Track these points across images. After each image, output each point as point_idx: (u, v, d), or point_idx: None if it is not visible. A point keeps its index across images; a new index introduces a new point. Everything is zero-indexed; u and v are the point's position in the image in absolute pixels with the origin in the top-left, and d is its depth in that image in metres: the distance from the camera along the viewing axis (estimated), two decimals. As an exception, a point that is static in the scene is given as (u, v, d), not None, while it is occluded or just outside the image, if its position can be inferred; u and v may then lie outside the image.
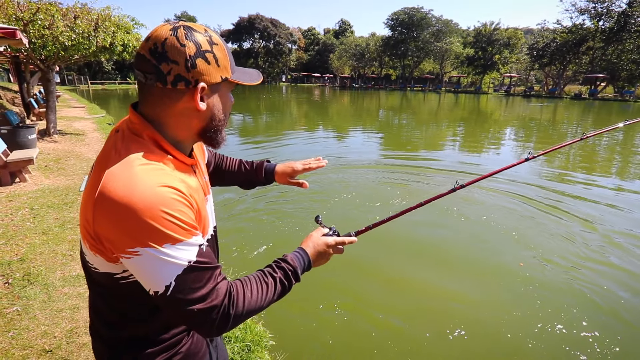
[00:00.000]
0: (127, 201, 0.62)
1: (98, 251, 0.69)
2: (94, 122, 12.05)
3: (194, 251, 0.68)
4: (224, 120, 0.81)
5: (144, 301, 0.75)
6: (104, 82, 46.79)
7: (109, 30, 7.60)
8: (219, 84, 0.74)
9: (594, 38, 38.30)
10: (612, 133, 13.43)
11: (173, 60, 0.68)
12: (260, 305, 0.80)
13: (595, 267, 3.64)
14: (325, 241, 1.00)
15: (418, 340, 2.64)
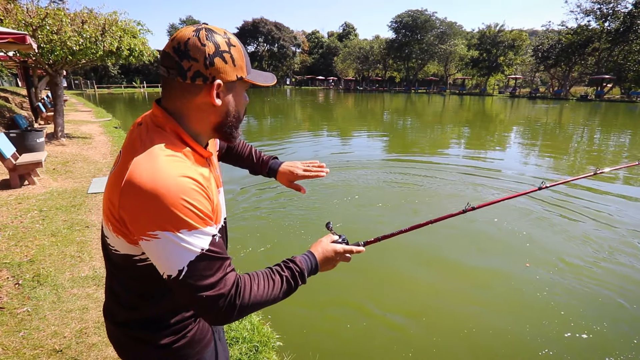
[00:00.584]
0: (152, 188, 0.68)
1: (121, 233, 0.75)
2: (100, 126, 12.17)
3: (208, 240, 0.73)
4: (239, 118, 0.86)
5: (158, 284, 0.81)
6: (110, 86, 47.25)
7: (115, 34, 7.69)
8: (234, 82, 0.80)
9: (600, 39, 38.02)
10: (619, 134, 13.32)
11: (194, 58, 0.74)
12: (265, 300, 0.83)
13: (606, 266, 3.61)
14: (334, 248, 1.03)
15: (426, 341, 2.62)
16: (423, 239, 4.29)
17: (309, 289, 3.24)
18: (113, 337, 0.94)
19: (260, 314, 2.70)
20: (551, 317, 2.91)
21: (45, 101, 14.10)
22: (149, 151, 0.73)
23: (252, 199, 5.55)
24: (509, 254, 3.94)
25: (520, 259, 3.81)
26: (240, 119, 0.87)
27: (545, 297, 3.15)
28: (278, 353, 2.32)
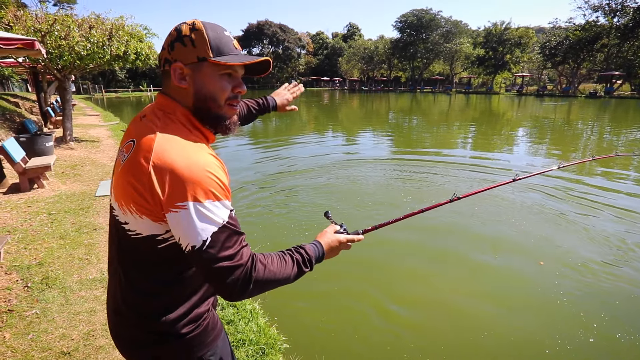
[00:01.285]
0: (183, 163, 0.75)
1: (146, 212, 0.78)
2: (108, 129, 12.30)
3: (227, 213, 0.79)
4: (216, 102, 0.87)
5: (177, 267, 0.87)
6: (117, 90, 47.86)
7: (122, 39, 7.76)
8: (197, 63, 0.83)
9: (609, 35, 37.43)
10: (632, 128, 13.10)
11: (163, 47, 0.87)
12: (278, 278, 0.89)
13: (617, 266, 3.53)
14: (338, 238, 1.12)
15: (434, 341, 2.59)
16: (432, 232, 4.25)
17: (316, 291, 3.23)
18: (127, 338, 0.93)
19: (266, 316, 2.69)
20: (566, 317, 2.85)
21: (55, 106, 14.31)
22: (169, 135, 0.80)
23: (252, 196, 5.57)
24: (521, 251, 3.88)
25: (534, 257, 3.75)
26: (218, 102, 0.87)
27: (563, 297, 3.09)
28: (285, 355, 2.31)
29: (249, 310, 2.65)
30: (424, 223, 4.55)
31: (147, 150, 0.77)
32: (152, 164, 0.75)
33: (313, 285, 3.25)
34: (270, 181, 6.67)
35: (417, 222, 4.54)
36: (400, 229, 4.34)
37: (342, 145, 11.11)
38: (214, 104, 0.87)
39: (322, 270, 3.28)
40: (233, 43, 0.89)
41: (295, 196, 5.76)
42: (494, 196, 5.49)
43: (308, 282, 3.28)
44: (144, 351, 0.91)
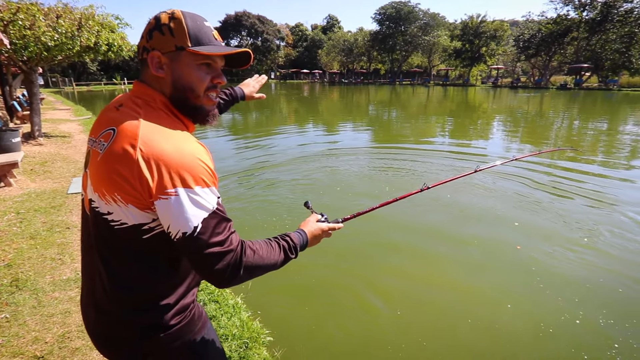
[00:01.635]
0: (173, 151, 0.75)
1: (133, 200, 0.77)
2: (80, 124, 11.82)
3: (215, 199, 0.79)
4: (194, 92, 0.86)
5: (162, 257, 0.86)
6: (89, 83, 45.89)
7: (92, 29, 7.42)
8: (175, 52, 0.83)
9: (579, 28, 38.83)
10: (598, 120, 13.67)
11: (142, 36, 0.86)
12: (266, 264, 0.91)
13: (593, 247, 3.70)
14: (320, 226, 1.16)
15: (415, 330, 2.65)
16: (410, 222, 4.32)
17: (297, 284, 3.23)
18: (110, 333, 0.89)
19: (249, 310, 2.67)
20: (544, 300, 2.97)
21: (21, 100, 13.58)
22: (152, 123, 0.79)
23: (232, 188, 5.50)
24: (498, 236, 4.01)
25: (513, 241, 3.88)
26: (197, 93, 0.87)
27: (540, 281, 3.22)
28: (268, 348, 2.31)
29: (232, 305, 2.63)
30: (403, 212, 4.62)
31: (133, 138, 0.75)
32: (140, 151, 0.74)
33: (294, 279, 3.25)
34: (249, 173, 6.63)
35: (396, 212, 4.62)
36: (380, 218, 4.42)
37: (322, 137, 11.09)
38: (192, 94, 0.86)
39: (303, 263, 3.31)
40: (213, 34, 0.88)
41: (275, 188, 5.75)
42: (472, 185, 5.63)
43: (289, 275, 3.29)
44: (131, 348, 0.89)
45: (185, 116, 0.90)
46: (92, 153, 0.86)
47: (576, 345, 2.50)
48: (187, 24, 0.83)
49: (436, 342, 2.55)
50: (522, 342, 2.53)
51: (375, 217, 4.41)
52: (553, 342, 2.53)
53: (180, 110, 0.88)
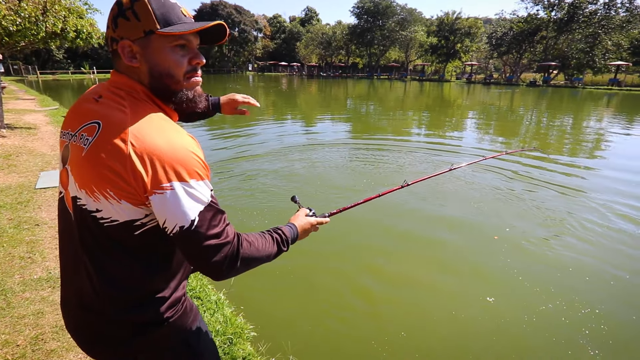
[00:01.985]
0: (166, 144, 0.73)
1: (127, 195, 0.74)
2: (46, 115, 11.20)
3: (210, 192, 0.79)
4: (174, 77, 0.82)
5: (153, 253, 0.84)
6: (55, 71, 43.54)
7: (59, 14, 7.02)
8: (145, 38, 0.78)
9: (547, 28, 40.35)
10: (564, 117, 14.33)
11: (108, 26, 0.80)
12: (261, 255, 0.91)
13: (574, 236, 3.90)
14: (309, 221, 1.18)
15: (394, 323, 2.72)
16: (387, 217, 4.40)
17: (279, 279, 3.24)
18: (100, 332, 0.86)
19: (232, 306, 2.65)
20: (524, 287, 3.11)
21: (-21, 88, 12.71)
22: (141, 115, 0.76)
23: (215, 183, 5.41)
24: (477, 226, 4.15)
25: (490, 231, 4.03)
26: (176, 78, 0.82)
27: (517, 270, 3.37)
28: (253, 343, 2.30)
29: (214, 301, 2.60)
30: (383, 207, 4.70)
31: (122, 132, 0.73)
32: (132, 145, 0.71)
33: (277, 274, 3.25)
34: (227, 166, 6.54)
35: (376, 207, 4.69)
36: (359, 214, 4.48)
37: (301, 130, 11.06)
38: (172, 80, 0.82)
39: (284, 259, 3.31)
40: (181, 10, 0.82)
41: (254, 180, 5.72)
42: (455, 178, 5.79)
43: (272, 270, 3.28)
44: (124, 346, 0.87)
45: (169, 105, 0.87)
46: (72, 148, 0.81)
47: (553, 333, 2.64)
48: (151, 4, 0.77)
49: (415, 335, 2.63)
50: (497, 334, 2.66)
51: (355, 212, 4.45)
52: (532, 332, 2.67)
53: (162, 99, 0.85)
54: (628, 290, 3.14)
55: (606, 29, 36.33)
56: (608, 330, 2.62)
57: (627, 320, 2.77)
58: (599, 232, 4.11)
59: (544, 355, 2.43)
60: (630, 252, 3.73)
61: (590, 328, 2.65)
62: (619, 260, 3.57)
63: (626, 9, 36.06)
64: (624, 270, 3.40)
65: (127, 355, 0.89)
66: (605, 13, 36.71)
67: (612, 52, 36.49)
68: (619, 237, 4.02)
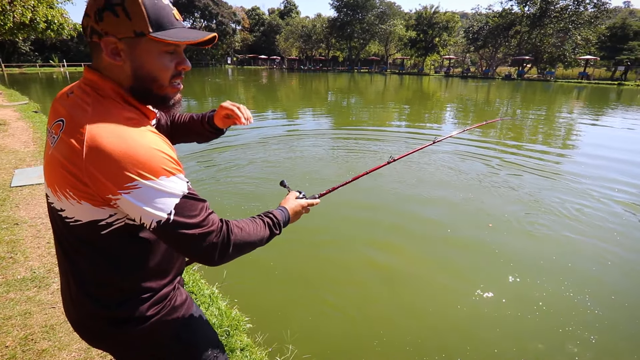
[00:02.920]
0: (123, 144, 0.69)
1: (86, 197, 0.73)
2: (16, 110, 10.67)
3: (185, 185, 0.76)
4: (156, 81, 0.80)
5: (125, 251, 0.82)
6: (21, 65, 41.35)
7: (27, 4, 6.68)
8: (134, 38, 0.74)
9: (521, 22, 41.52)
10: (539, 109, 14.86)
11: (87, 14, 0.74)
12: (253, 240, 0.91)
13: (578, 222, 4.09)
14: (300, 203, 1.19)
15: (387, 313, 2.80)
16: (375, 204, 4.49)
17: (272, 269, 3.25)
18: (87, 329, 0.89)
19: (226, 299, 2.66)
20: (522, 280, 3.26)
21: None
22: (102, 114, 0.73)
23: (191, 172, 5.34)
24: (469, 215, 4.28)
25: (484, 220, 4.17)
26: (160, 83, 0.80)
27: (507, 257, 3.51)
28: (249, 335, 2.33)
29: (208, 295, 2.60)
30: (372, 193, 4.77)
31: (79, 132, 0.70)
32: (87, 145, 0.68)
33: (268, 266, 3.27)
34: (207, 155, 6.52)
35: (367, 194, 4.76)
36: (351, 200, 4.56)
37: (282, 121, 11.00)
38: (156, 84, 0.80)
39: (276, 249, 3.34)
40: (173, 13, 0.79)
41: (239, 170, 5.74)
42: (438, 166, 5.93)
43: (264, 262, 3.30)
44: (106, 340, 0.89)
45: (152, 105, 0.85)
46: (46, 145, 0.81)
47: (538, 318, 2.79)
48: (144, 4, 0.73)
49: (408, 315, 2.72)
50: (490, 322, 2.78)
51: (345, 200, 4.53)
52: (521, 318, 2.81)
53: (141, 100, 0.82)
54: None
55: (576, 24, 37.78)
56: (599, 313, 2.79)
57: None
58: (587, 213, 4.35)
59: (540, 345, 2.56)
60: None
61: (579, 310, 2.81)
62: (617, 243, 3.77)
63: (594, 5, 37.55)
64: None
65: (118, 348, 0.91)
66: (575, 9, 38.13)
67: (581, 46, 38.01)
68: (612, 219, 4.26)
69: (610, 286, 3.12)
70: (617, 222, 4.24)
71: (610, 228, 4.08)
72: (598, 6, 37.41)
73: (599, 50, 40.62)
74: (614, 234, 3.95)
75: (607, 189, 5.24)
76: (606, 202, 4.79)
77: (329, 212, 4.29)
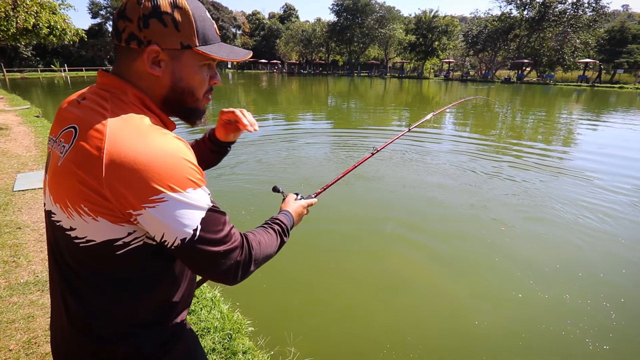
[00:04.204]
0: (150, 152, 0.63)
1: (104, 212, 0.65)
2: (17, 115, 10.73)
3: (209, 197, 0.71)
4: (193, 94, 0.78)
5: (138, 275, 0.74)
6: (22, 69, 41.60)
7: (31, 9, 6.75)
8: (179, 50, 0.72)
9: (520, 26, 41.72)
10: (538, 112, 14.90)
11: (128, 18, 0.69)
12: (270, 252, 0.88)
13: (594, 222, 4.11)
14: (300, 204, 1.16)
15: (389, 316, 2.81)
16: (384, 205, 4.50)
17: (275, 273, 3.26)
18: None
19: (228, 302, 2.67)
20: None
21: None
22: (123, 120, 0.67)
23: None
24: (481, 217, 4.30)
25: (496, 223, 4.18)
26: (196, 97, 0.79)
27: (517, 265, 3.52)
28: (252, 338, 2.33)
29: (210, 298, 2.61)
30: (367, 193, 4.79)
31: (98, 138, 0.63)
32: (107, 152, 0.62)
33: (267, 269, 3.27)
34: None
35: (362, 195, 4.77)
36: (347, 200, 4.57)
37: (282, 126, 11.04)
38: (192, 97, 0.78)
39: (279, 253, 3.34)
40: (215, 27, 0.78)
41: (236, 173, 5.76)
42: (438, 169, 5.96)
43: (266, 263, 3.30)
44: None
45: (179, 117, 0.82)
46: (52, 156, 0.73)
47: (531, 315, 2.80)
48: (194, 17, 0.71)
49: (409, 313, 2.73)
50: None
51: (341, 201, 4.54)
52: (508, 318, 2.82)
53: (170, 112, 0.79)
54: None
55: (575, 27, 37.95)
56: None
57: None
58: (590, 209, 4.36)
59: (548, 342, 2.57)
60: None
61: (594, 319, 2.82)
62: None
63: (592, 9, 37.75)
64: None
65: None
66: (574, 12, 38.32)
67: (580, 50, 38.14)
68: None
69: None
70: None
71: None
72: (596, 10, 37.59)
73: (598, 54, 40.78)
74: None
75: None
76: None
77: (332, 215, 4.31)
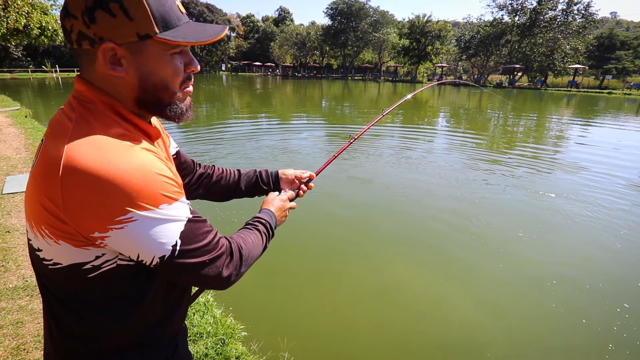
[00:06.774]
0: (112, 168, 0.56)
1: (65, 237, 0.59)
2: (7, 116, 10.57)
3: (187, 208, 0.65)
4: (168, 89, 0.67)
5: (121, 297, 0.67)
6: (12, 70, 41.01)
7: (22, 10, 6.69)
8: (138, 42, 0.60)
9: (512, 32, 42.40)
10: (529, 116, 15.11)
11: (73, 15, 0.58)
12: (257, 253, 0.85)
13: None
14: (281, 198, 1.08)
15: (384, 320, 2.81)
16: (381, 207, 4.51)
17: (263, 276, 3.25)
18: None
19: (221, 307, 2.65)
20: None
21: None
22: (85, 131, 0.59)
23: None
24: (497, 224, 4.33)
25: (513, 228, 4.21)
26: (172, 90, 0.68)
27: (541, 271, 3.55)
28: (245, 343, 2.32)
29: (202, 303, 2.59)
30: (362, 197, 4.80)
31: (56, 154, 0.56)
32: (64, 172, 0.55)
33: (260, 274, 3.27)
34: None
35: (358, 199, 4.78)
36: (342, 207, 4.58)
37: (275, 128, 11.04)
38: (167, 92, 0.67)
39: (269, 256, 3.33)
40: (177, 5, 0.65)
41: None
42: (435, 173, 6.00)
43: (254, 270, 3.28)
44: None
45: (158, 117, 0.73)
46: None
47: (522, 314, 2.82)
48: (148, 0, 0.59)
49: (403, 316, 2.74)
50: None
51: (339, 207, 4.55)
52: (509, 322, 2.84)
53: (149, 112, 0.70)
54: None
55: (565, 33, 38.66)
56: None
57: None
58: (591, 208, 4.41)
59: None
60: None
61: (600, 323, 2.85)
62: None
63: (582, 15, 38.52)
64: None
65: None
66: (564, 19, 39.05)
67: (570, 55, 38.84)
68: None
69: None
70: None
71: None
72: (586, 16, 38.37)
73: (587, 60, 41.55)
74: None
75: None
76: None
77: (326, 218, 4.30)
